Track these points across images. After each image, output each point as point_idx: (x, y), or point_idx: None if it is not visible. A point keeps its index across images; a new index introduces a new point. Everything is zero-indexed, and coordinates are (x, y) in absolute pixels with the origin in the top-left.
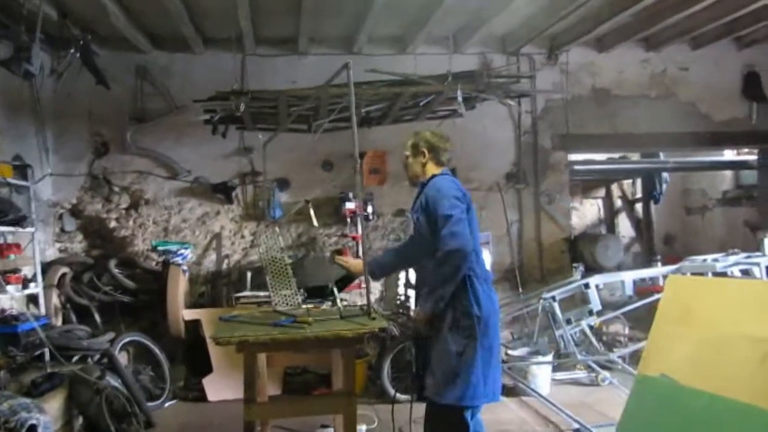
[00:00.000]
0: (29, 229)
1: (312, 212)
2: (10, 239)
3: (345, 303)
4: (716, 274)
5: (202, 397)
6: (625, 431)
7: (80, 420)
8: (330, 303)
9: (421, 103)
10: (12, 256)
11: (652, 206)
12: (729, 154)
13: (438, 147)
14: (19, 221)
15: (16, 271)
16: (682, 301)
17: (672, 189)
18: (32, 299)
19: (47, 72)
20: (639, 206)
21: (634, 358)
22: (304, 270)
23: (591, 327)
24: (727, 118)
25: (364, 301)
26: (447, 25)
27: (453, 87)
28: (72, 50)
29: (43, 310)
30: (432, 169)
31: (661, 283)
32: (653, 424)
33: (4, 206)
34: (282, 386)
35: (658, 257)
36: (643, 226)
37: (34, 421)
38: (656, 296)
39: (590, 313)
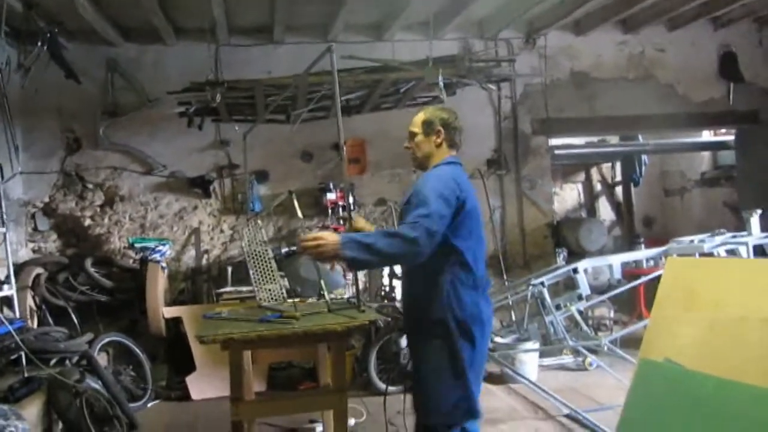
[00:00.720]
0: (0, 230)
1: (296, 203)
2: None
3: (332, 296)
4: (703, 255)
5: (185, 396)
6: (630, 417)
7: (60, 425)
8: (317, 297)
9: (401, 90)
10: None
11: (632, 189)
12: (707, 135)
13: (454, 126)
14: None
15: None
16: (684, 284)
17: (650, 171)
18: (6, 302)
19: (14, 67)
20: (619, 189)
21: (623, 341)
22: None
23: (580, 312)
24: (704, 99)
25: (351, 294)
26: (424, 11)
27: (434, 72)
28: (39, 44)
29: (17, 313)
30: (444, 152)
31: (644, 265)
32: (659, 409)
33: None
34: (267, 381)
35: (642, 239)
36: (623, 209)
37: (12, 429)
38: (642, 279)
39: (579, 298)
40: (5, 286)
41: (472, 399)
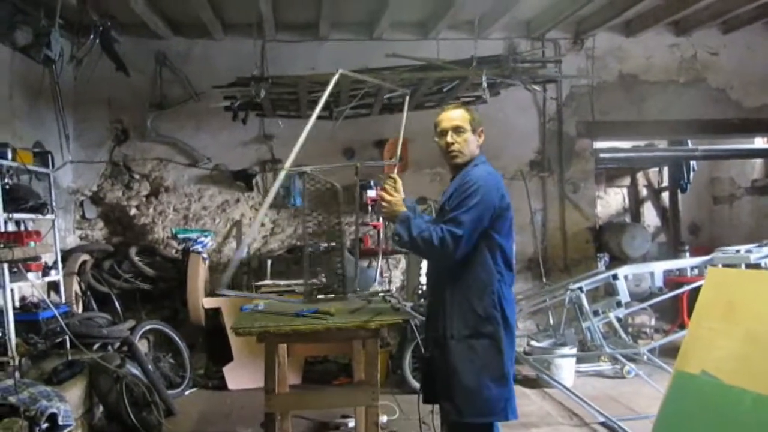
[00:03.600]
0: (49, 217)
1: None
2: (30, 226)
3: (368, 293)
4: (749, 266)
5: (222, 386)
6: (663, 430)
7: (100, 408)
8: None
9: (445, 89)
10: (32, 244)
11: (679, 195)
12: (759, 142)
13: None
14: (39, 208)
15: (36, 258)
16: (725, 295)
17: (699, 177)
18: (53, 287)
19: (67, 58)
20: (665, 195)
21: (663, 350)
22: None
23: (619, 319)
24: (758, 105)
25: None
26: (470, 10)
27: (478, 72)
28: (92, 36)
29: (63, 298)
30: (478, 151)
31: (688, 274)
32: (693, 423)
33: (24, 193)
34: (302, 375)
35: (687, 247)
36: (669, 215)
37: (54, 410)
38: (685, 288)
39: (618, 304)
40: (53, 272)
41: (514, 397)
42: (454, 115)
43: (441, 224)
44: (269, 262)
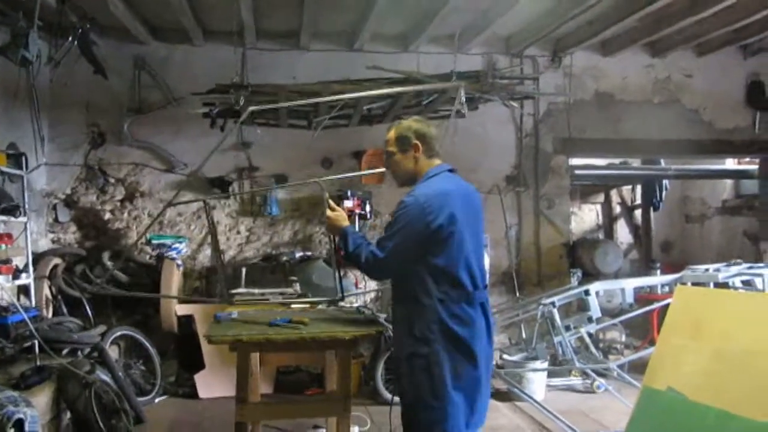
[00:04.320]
0: (21, 219)
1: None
2: (1, 229)
3: (342, 304)
4: (718, 285)
5: (193, 394)
6: None
7: (68, 414)
8: (327, 304)
9: (424, 102)
10: (3, 246)
11: (652, 213)
12: (730, 163)
13: (430, 135)
14: (12, 210)
15: (7, 261)
16: (692, 313)
17: (671, 196)
18: (23, 290)
19: (44, 60)
20: (638, 213)
21: (633, 366)
22: (309, 279)
23: (590, 334)
24: (730, 127)
25: (361, 302)
26: (451, 24)
27: (457, 86)
28: (70, 38)
29: (33, 302)
30: (425, 164)
31: (659, 291)
32: None
33: None
34: (274, 384)
35: (658, 264)
36: (642, 232)
37: (20, 416)
38: (655, 305)
39: (590, 320)
40: (23, 275)
41: (452, 419)
42: (386, 138)
43: (372, 244)
44: (244, 270)
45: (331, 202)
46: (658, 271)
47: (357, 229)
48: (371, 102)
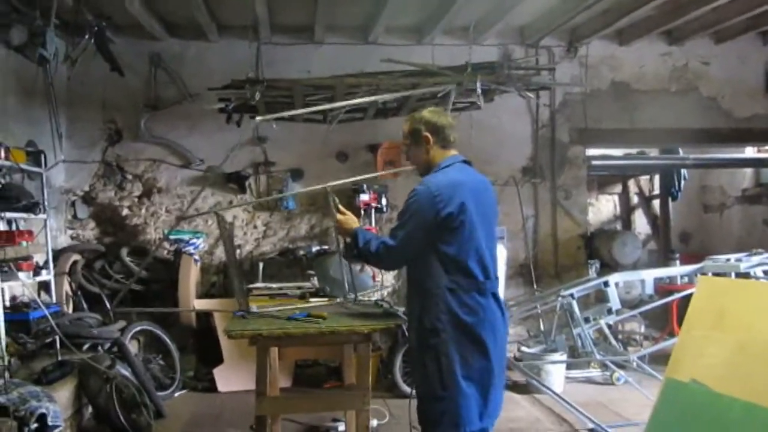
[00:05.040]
0: (41, 216)
1: (332, 202)
2: (22, 226)
3: (360, 297)
4: (739, 275)
5: (212, 388)
6: None
7: (89, 409)
8: (344, 297)
9: (439, 95)
10: (24, 243)
11: (670, 203)
12: (750, 151)
13: (442, 125)
14: (32, 208)
15: (27, 258)
16: (716, 304)
17: (689, 186)
18: (43, 286)
19: (61, 58)
20: (656, 203)
21: (652, 357)
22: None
23: (609, 326)
24: (749, 115)
25: (379, 296)
26: (466, 15)
27: (472, 78)
28: (87, 36)
29: (54, 298)
30: (440, 154)
31: (679, 282)
32: (684, 430)
33: (17, 192)
34: (292, 378)
35: (677, 255)
36: (660, 223)
37: (43, 410)
38: (675, 295)
39: (609, 311)
40: (43, 271)
41: (460, 408)
42: (403, 130)
43: (382, 237)
44: (261, 264)
45: (340, 207)
46: (677, 262)
47: (373, 222)
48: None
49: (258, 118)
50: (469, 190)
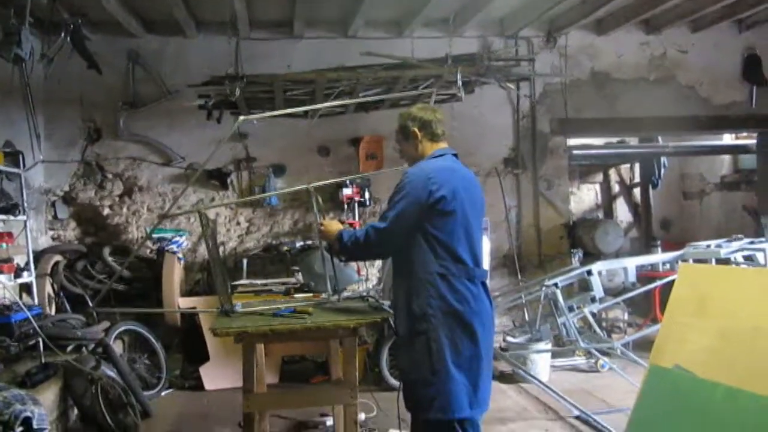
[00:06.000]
0: (21, 217)
1: (316, 201)
2: (1, 228)
3: (345, 293)
4: (720, 261)
5: (198, 386)
6: (639, 422)
7: (75, 411)
8: (330, 292)
9: (420, 87)
10: (4, 245)
11: (650, 191)
12: (728, 138)
13: (429, 120)
14: (11, 209)
15: (8, 260)
16: (697, 291)
17: (669, 173)
18: (25, 288)
19: (37, 57)
20: (637, 191)
21: (636, 344)
22: (311, 269)
23: (593, 314)
24: (726, 102)
25: (364, 289)
26: (445, 7)
27: (453, 70)
28: (62, 34)
29: (36, 300)
30: (429, 148)
31: (660, 269)
32: (668, 415)
33: None
34: (279, 374)
35: (658, 242)
36: (641, 211)
37: (28, 414)
38: (657, 282)
39: (593, 300)
40: (25, 273)
41: (450, 394)
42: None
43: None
44: (245, 261)
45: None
46: (659, 249)
47: (357, 216)
48: (367, 89)
49: (241, 117)
50: (460, 178)
